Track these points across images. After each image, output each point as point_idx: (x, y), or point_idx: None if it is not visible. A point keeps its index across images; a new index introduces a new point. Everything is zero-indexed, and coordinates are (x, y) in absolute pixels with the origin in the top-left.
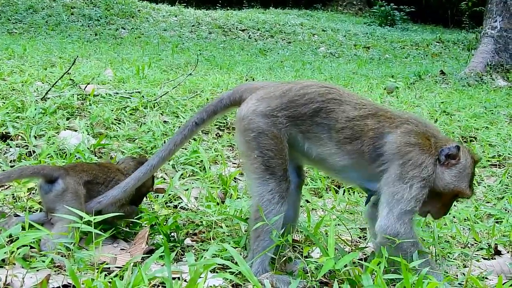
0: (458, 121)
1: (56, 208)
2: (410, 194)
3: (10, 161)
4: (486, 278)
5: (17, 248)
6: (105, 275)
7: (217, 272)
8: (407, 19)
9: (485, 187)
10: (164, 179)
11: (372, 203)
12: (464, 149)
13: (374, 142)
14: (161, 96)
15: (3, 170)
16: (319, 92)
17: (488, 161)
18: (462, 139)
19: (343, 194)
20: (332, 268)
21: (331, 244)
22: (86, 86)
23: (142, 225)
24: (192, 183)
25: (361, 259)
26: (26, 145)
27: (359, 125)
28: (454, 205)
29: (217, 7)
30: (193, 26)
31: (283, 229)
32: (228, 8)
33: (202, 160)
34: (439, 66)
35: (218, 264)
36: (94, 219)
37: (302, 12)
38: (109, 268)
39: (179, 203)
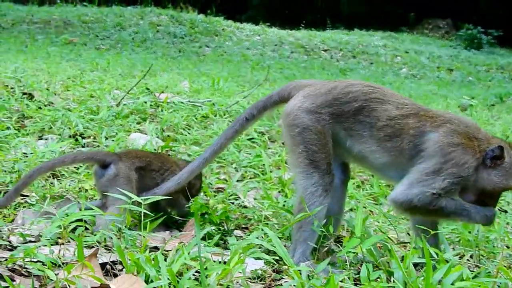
0: None
1: (109, 192)
2: (440, 185)
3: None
4: None
5: (70, 224)
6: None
7: (260, 259)
8: (495, 43)
9: None
10: (226, 180)
11: None
12: (506, 146)
13: (415, 140)
14: (231, 106)
15: None
16: (363, 91)
17: None
18: None
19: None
20: (357, 245)
21: (358, 224)
22: (160, 94)
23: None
24: (252, 182)
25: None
26: (98, 145)
27: (400, 123)
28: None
29: (301, 27)
30: (275, 45)
31: (325, 220)
32: (312, 28)
33: (264, 164)
34: None
35: (261, 250)
36: (143, 200)
37: (387, 34)
38: (157, 249)
39: (236, 199)
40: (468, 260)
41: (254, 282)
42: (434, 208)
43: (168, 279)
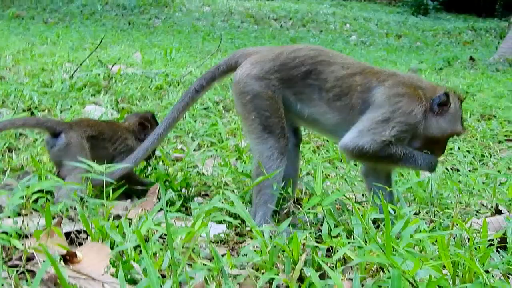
0: (482, 101)
1: (63, 162)
2: (389, 132)
3: (36, 133)
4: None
5: (33, 194)
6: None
7: (222, 222)
8: (441, 9)
9: (497, 159)
10: (183, 150)
11: None
12: (451, 93)
13: (363, 95)
14: (184, 76)
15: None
16: (310, 55)
17: (506, 136)
18: (481, 117)
19: (355, 163)
20: (319, 203)
21: (318, 183)
22: (112, 66)
23: (154, 182)
24: (210, 150)
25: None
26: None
27: (347, 82)
28: (466, 175)
29: None
30: (225, 15)
31: (283, 183)
32: None
33: (220, 133)
34: (470, 53)
35: (222, 214)
36: (105, 168)
37: (335, 2)
38: (120, 217)
39: (194, 167)
40: (423, 216)
41: (217, 246)
42: (384, 155)
43: (135, 240)
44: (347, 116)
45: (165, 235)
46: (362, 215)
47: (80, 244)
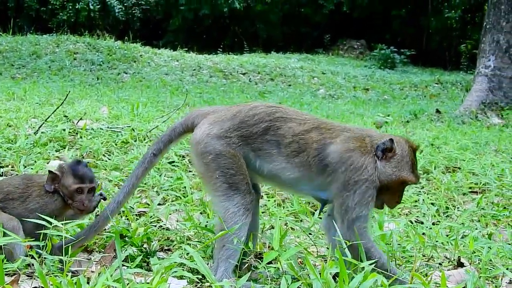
0: (447, 153)
1: None
2: (353, 200)
3: None
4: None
5: None
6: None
7: (182, 278)
8: (408, 62)
9: (461, 211)
10: (148, 204)
11: (327, 214)
12: (399, 140)
13: (319, 154)
14: (150, 130)
15: None
16: (267, 111)
17: (470, 188)
18: (446, 169)
19: (319, 216)
20: (276, 258)
21: (276, 238)
22: (78, 121)
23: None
24: (174, 205)
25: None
26: (16, 174)
27: (304, 138)
28: (430, 228)
29: (219, 52)
30: (194, 70)
31: (244, 237)
32: (229, 53)
33: (185, 187)
34: (436, 106)
35: (183, 269)
36: (64, 224)
37: (303, 56)
38: (78, 273)
39: (158, 221)
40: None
41: None
42: (367, 247)
43: None
44: (306, 173)
45: None
46: (322, 270)
47: None
